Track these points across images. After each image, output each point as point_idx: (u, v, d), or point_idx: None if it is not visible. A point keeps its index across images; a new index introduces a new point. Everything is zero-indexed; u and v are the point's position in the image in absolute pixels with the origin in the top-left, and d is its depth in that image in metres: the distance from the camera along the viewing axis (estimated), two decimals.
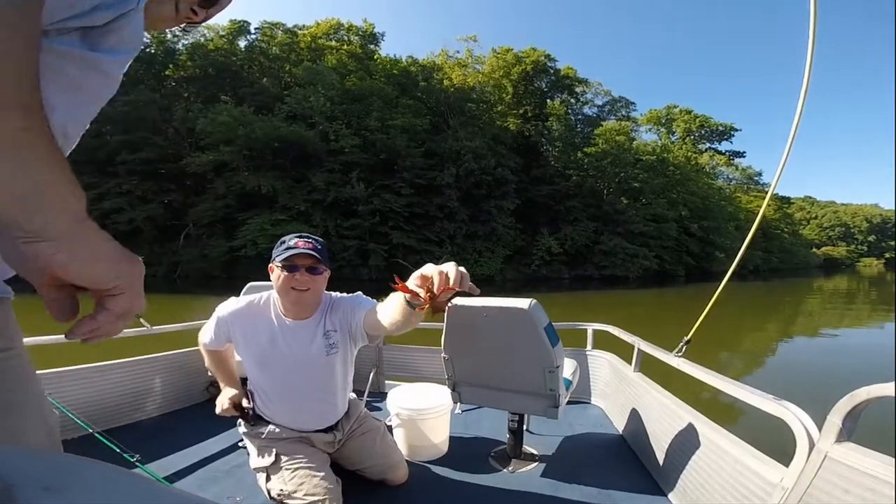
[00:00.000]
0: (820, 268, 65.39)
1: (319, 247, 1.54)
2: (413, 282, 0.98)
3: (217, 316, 1.64)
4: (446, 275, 0.93)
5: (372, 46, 36.62)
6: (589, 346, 2.94)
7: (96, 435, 1.78)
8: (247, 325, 1.61)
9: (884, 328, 10.28)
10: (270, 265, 1.54)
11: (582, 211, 31.81)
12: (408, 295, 1.01)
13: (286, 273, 1.49)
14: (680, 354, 1.86)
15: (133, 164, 26.15)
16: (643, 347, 2.27)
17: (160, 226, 26.29)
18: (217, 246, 24.80)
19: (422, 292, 0.93)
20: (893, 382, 0.91)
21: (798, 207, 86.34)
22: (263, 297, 1.65)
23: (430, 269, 0.96)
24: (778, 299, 19.24)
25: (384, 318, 1.34)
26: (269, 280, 1.59)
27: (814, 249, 71.90)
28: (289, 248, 1.50)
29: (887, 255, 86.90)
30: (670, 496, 1.69)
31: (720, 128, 50.10)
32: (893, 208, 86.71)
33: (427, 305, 0.93)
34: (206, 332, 1.69)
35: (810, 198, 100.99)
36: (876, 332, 10.01)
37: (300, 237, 1.54)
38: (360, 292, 1.69)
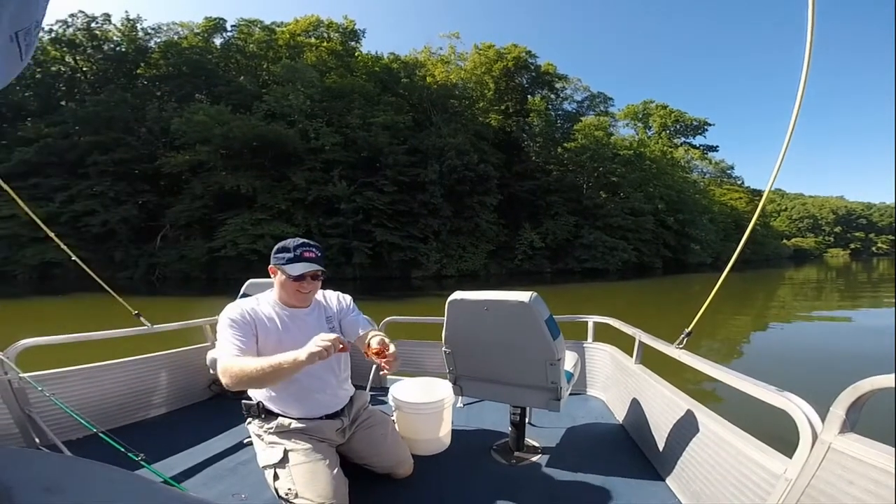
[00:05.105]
0: (790, 258, 67.44)
1: (320, 254, 1.70)
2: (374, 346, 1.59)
3: (232, 318, 1.57)
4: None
5: (353, 43, 36.11)
6: (589, 339, 2.93)
7: (100, 434, 1.75)
8: (261, 319, 1.66)
9: (852, 321, 10.60)
10: (272, 267, 1.67)
11: (562, 205, 32.16)
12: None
13: (295, 282, 1.65)
14: (681, 346, 1.86)
15: (105, 165, 25.21)
16: (644, 339, 2.28)
17: (135, 227, 25.45)
18: (196, 247, 24.19)
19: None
20: (895, 374, 0.91)
21: (769, 200, 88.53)
22: (261, 297, 1.75)
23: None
24: (752, 289, 19.80)
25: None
26: (264, 278, 1.70)
27: (784, 241, 74.12)
28: (296, 258, 1.63)
29: (852, 246, 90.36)
30: (673, 487, 1.70)
31: (694, 123, 51.39)
32: (893, 203, 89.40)
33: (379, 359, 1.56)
34: (231, 344, 1.50)
35: (780, 190, 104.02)
36: (846, 323, 10.32)
37: (305, 247, 1.66)
38: (353, 303, 1.89)
